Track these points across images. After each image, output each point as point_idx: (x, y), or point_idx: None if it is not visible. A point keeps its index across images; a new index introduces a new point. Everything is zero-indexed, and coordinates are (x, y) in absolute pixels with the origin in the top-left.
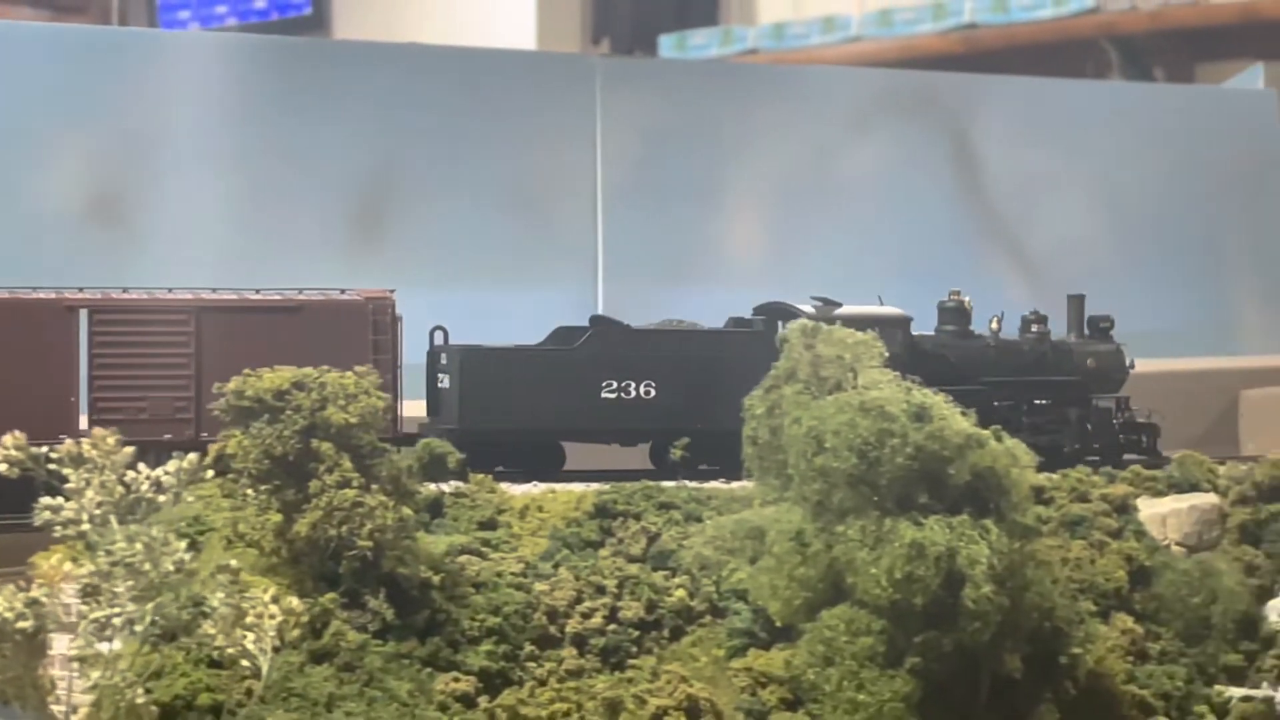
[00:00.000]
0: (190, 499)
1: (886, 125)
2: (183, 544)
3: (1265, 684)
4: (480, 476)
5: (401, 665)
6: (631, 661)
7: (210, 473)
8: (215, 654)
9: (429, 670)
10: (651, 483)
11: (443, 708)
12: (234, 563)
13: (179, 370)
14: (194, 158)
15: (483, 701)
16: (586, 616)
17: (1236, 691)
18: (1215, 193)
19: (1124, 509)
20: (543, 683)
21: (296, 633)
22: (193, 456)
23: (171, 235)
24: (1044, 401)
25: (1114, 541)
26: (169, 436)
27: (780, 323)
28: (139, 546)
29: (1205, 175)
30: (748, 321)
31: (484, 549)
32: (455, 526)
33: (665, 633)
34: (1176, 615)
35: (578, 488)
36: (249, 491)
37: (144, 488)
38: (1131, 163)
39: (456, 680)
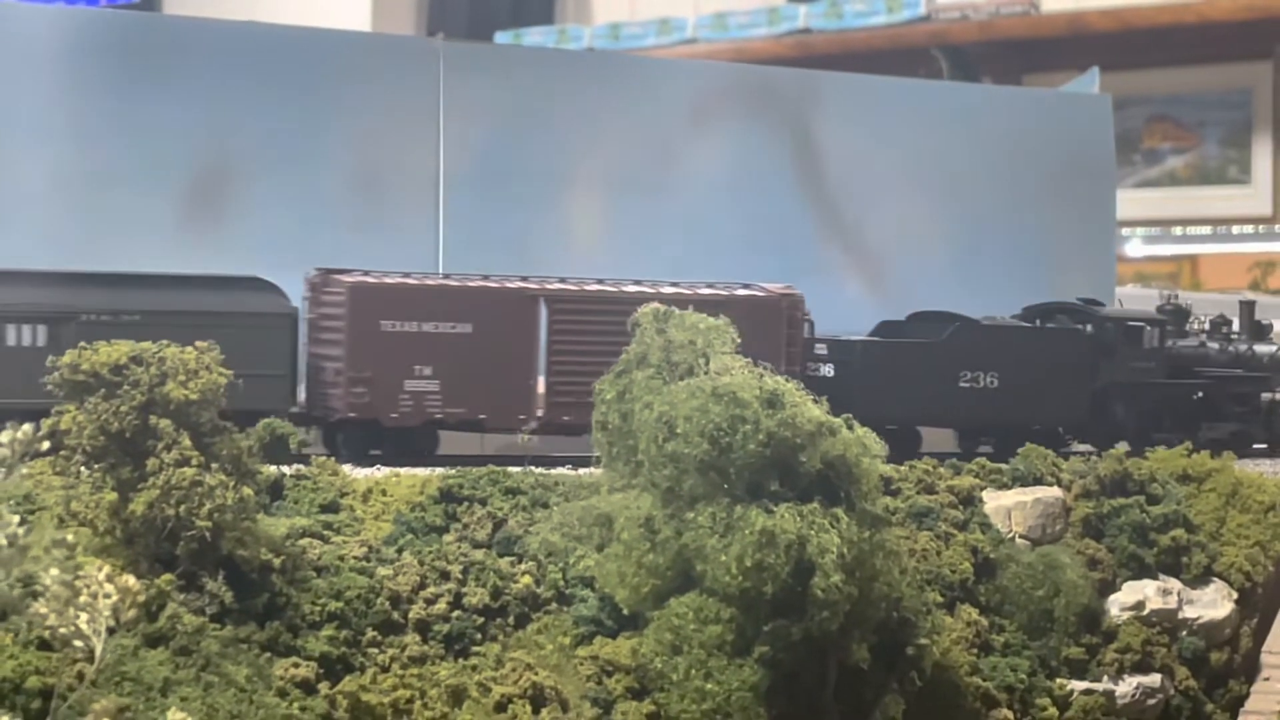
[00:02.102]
0: (25, 470)
1: (729, 118)
2: (15, 518)
3: (1106, 677)
4: (322, 459)
5: (240, 650)
6: (476, 649)
7: (46, 444)
8: (46, 635)
9: (268, 655)
10: (497, 468)
11: (282, 694)
12: (70, 537)
13: None
14: (24, 133)
15: (323, 688)
16: (430, 602)
17: (1078, 684)
18: (1051, 193)
19: (969, 501)
20: (385, 669)
21: (133, 613)
22: (27, 428)
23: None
24: (1238, 393)
25: (960, 533)
26: None
27: (1084, 324)
28: None
29: (1042, 175)
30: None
31: (326, 532)
32: (296, 509)
33: (510, 620)
34: (1020, 608)
35: (422, 472)
36: (83, 469)
37: None
38: (970, 162)
39: (296, 666)
